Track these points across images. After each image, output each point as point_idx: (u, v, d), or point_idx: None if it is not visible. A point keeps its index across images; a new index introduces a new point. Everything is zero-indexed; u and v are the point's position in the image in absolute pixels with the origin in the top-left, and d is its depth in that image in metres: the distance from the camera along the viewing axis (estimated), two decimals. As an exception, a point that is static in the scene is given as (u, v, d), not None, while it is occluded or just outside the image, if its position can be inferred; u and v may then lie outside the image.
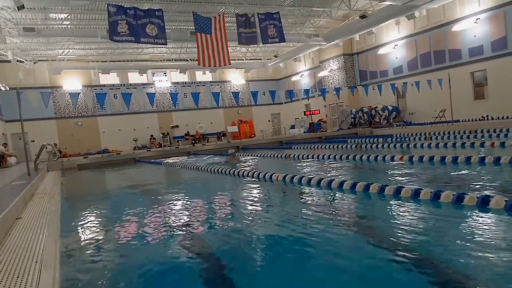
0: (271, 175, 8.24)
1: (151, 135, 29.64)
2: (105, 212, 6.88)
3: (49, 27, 19.41)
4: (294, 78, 32.58)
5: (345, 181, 6.39)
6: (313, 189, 6.79)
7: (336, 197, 6.09)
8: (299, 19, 23.13)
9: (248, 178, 8.87)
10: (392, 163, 9.39)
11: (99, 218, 6.33)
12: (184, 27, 21.75)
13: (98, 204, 7.81)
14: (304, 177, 7.40)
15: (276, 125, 33.86)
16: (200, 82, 32.06)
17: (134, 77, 29.46)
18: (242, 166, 11.56)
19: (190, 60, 28.71)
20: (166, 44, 17.00)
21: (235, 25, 18.20)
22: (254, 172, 8.99)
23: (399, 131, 18.49)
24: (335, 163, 10.65)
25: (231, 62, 18.88)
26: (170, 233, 4.76)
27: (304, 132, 26.79)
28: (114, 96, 24.63)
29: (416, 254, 3.31)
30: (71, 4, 17.01)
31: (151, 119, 30.00)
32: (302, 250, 3.75)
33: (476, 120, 17.88)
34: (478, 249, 3.24)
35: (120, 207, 7.15)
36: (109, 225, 5.65)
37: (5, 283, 2.75)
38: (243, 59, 31.30)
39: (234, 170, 9.91)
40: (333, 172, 9.08)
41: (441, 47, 20.78)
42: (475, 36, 18.97)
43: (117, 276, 3.48)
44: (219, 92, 19.61)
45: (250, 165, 12.04)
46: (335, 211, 5.28)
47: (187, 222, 5.26)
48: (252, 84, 33.38)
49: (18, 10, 14.79)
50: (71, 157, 23.60)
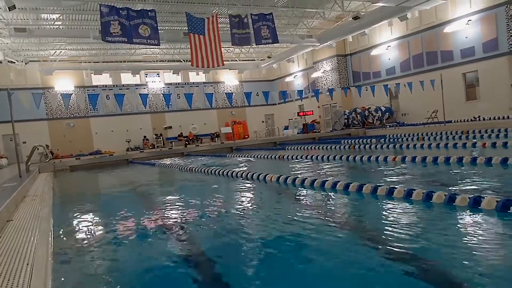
0: (265, 176, 8.24)
1: (144, 136, 29.51)
2: (97, 214, 6.83)
3: (41, 28, 19.25)
4: (288, 79, 32.64)
5: (338, 182, 6.40)
6: (307, 190, 6.79)
7: (330, 198, 6.10)
8: (293, 20, 23.18)
9: (242, 179, 8.86)
10: (385, 164, 9.44)
11: (91, 220, 6.28)
12: (177, 28, 21.69)
13: (90, 206, 7.76)
14: (298, 178, 7.41)
15: (270, 126, 33.89)
16: (194, 83, 32.00)
17: (127, 78, 29.31)
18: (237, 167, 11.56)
19: (183, 61, 28.66)
20: (159, 45, 16.94)
21: (228, 26, 18.19)
22: (248, 173, 8.98)
23: (392, 132, 18.59)
24: (329, 164, 10.68)
25: (225, 63, 18.85)
26: (164, 235, 4.73)
27: (298, 133, 26.84)
28: (107, 97, 24.50)
29: (409, 254, 3.32)
30: (63, 5, 16.88)
31: (144, 120, 29.87)
32: (296, 251, 3.75)
33: (468, 121, 18.03)
34: (470, 249, 3.26)
35: (113, 209, 7.11)
36: (101, 227, 5.61)
37: (-4, 287, 2.71)
38: (237, 60, 31.30)
39: (228, 171, 9.89)
40: (327, 173, 9.11)
41: (433, 48, 20.94)
42: (467, 38, 19.14)
43: (109, 279, 3.46)
44: (213, 93, 19.62)
45: (245, 166, 12.03)
46: (329, 212, 5.29)
47: (180, 224, 5.24)
48: (246, 85, 33.38)
49: (9, 10, 14.63)
50: (63, 159, 23.43)
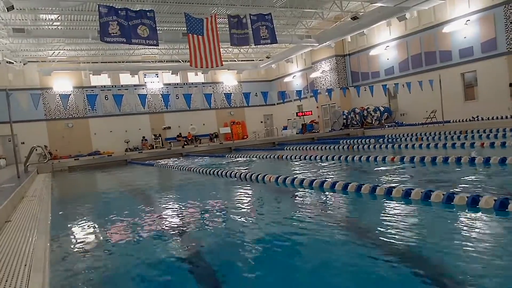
0: (264, 176, 8.23)
1: (143, 137, 29.48)
2: (96, 215, 6.82)
3: (39, 28, 19.23)
4: (287, 79, 32.64)
5: (337, 182, 6.40)
6: (306, 190, 6.79)
7: (329, 198, 6.10)
8: (291, 20, 23.20)
9: (241, 180, 8.86)
10: (384, 164, 9.44)
11: (90, 221, 6.27)
12: (176, 28, 21.69)
13: (89, 207, 7.75)
14: (297, 178, 7.41)
15: (269, 126, 33.88)
16: (192, 83, 31.98)
17: (126, 79, 29.27)
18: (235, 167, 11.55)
19: (182, 61, 28.64)
20: (158, 45, 16.93)
21: (227, 26, 18.18)
22: (247, 174, 8.97)
23: (391, 132, 18.61)
24: (328, 164, 10.68)
25: (223, 63, 18.87)
26: (162, 236, 4.73)
27: (297, 133, 26.84)
28: (105, 98, 24.52)
29: (407, 253, 3.32)
30: (62, 5, 16.84)
31: (143, 121, 29.84)
32: (295, 251, 3.75)
33: (467, 121, 18.05)
34: (468, 247, 3.27)
35: (111, 210, 7.10)
36: (100, 228, 5.60)
37: (-7, 287, 2.71)
38: (235, 60, 31.30)
39: (227, 172, 9.89)
40: (326, 173, 9.11)
41: (432, 49, 20.96)
42: (465, 38, 19.17)
43: (108, 280, 3.45)
44: (211, 93, 19.63)
45: (244, 167, 12.03)
46: (328, 212, 5.29)
47: (179, 224, 5.24)
48: (244, 85, 33.38)
49: (8, 11, 14.64)
50: (62, 159, 23.39)
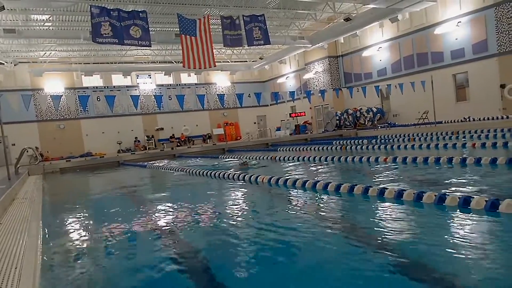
0: (257, 177, 8.23)
1: (136, 138, 29.33)
2: (88, 217, 6.77)
3: (31, 29, 19.08)
4: (280, 80, 32.68)
5: (330, 183, 6.42)
6: (299, 191, 6.80)
7: (321, 199, 6.11)
8: (284, 22, 23.24)
9: (234, 180, 8.84)
10: (377, 164, 9.49)
11: (82, 223, 6.22)
12: (169, 29, 21.63)
13: (81, 209, 7.69)
14: (289, 179, 7.42)
15: (262, 127, 33.90)
16: (185, 84, 31.91)
17: (118, 79, 29.12)
18: (229, 168, 11.54)
19: (175, 62, 28.56)
20: (151, 46, 16.88)
21: (220, 27, 18.18)
22: (240, 175, 8.97)
23: (384, 133, 18.70)
24: (321, 165, 10.70)
25: (216, 64, 18.84)
26: (155, 238, 4.70)
27: (290, 134, 26.88)
28: (97, 99, 24.35)
29: (400, 254, 3.33)
30: (53, 6, 16.73)
31: (136, 122, 29.69)
32: (288, 252, 3.74)
33: (458, 122, 18.20)
34: (459, 248, 3.28)
35: (103, 212, 7.05)
36: (92, 230, 5.55)
37: (-18, 292, 2.67)
38: (229, 61, 31.30)
39: (220, 173, 9.87)
40: (319, 174, 9.13)
41: (424, 50, 21.12)
42: (457, 39, 19.34)
43: (100, 283, 3.42)
44: (205, 94, 19.59)
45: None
46: (320, 213, 5.30)
47: (172, 226, 5.21)
48: (238, 86, 33.37)
49: (-2, 11, 14.51)
50: (53, 161, 23.21)
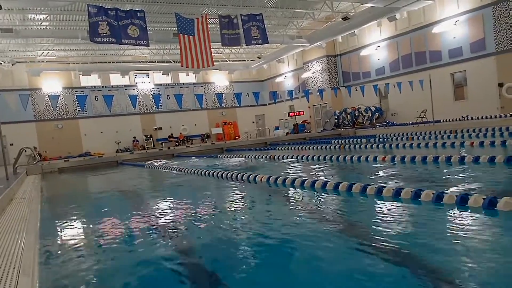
0: (255, 177, 8.23)
1: (134, 137, 29.30)
2: (86, 217, 6.76)
3: (28, 28, 19.03)
4: (278, 80, 32.68)
5: (328, 182, 6.42)
6: (297, 190, 6.80)
7: (320, 198, 6.12)
8: (282, 21, 23.23)
9: (232, 180, 8.84)
10: (375, 163, 9.50)
11: (80, 223, 6.21)
12: (167, 28, 21.61)
13: (79, 209, 7.68)
14: (288, 178, 7.42)
15: (261, 127, 33.90)
16: (184, 84, 31.88)
17: (116, 79, 29.08)
18: (228, 167, 11.54)
19: (173, 62, 28.54)
20: (148, 45, 16.85)
21: (218, 27, 18.16)
22: (238, 174, 8.96)
23: (382, 132, 18.72)
24: (319, 164, 10.71)
25: (215, 64, 18.82)
26: (153, 237, 4.70)
27: (286, 134, 26.88)
28: (96, 98, 24.27)
29: (398, 251, 3.34)
30: (50, 5, 16.68)
31: (134, 121, 29.66)
32: (287, 251, 3.75)
33: (456, 120, 18.23)
34: (457, 246, 3.30)
35: (101, 211, 7.04)
36: (90, 230, 5.55)
37: (-20, 291, 2.67)
38: (227, 61, 31.28)
39: (218, 172, 9.87)
40: (317, 173, 9.13)
41: (422, 49, 21.14)
42: (455, 38, 19.37)
43: (98, 282, 3.42)
44: (203, 94, 19.56)
45: (236, 167, 12.01)
46: (319, 212, 5.30)
47: (170, 225, 5.21)
48: (236, 86, 33.36)
49: (-4, 11, 14.47)
50: (52, 161, 23.16)
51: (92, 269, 3.73)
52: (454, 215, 4.27)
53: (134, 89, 29.83)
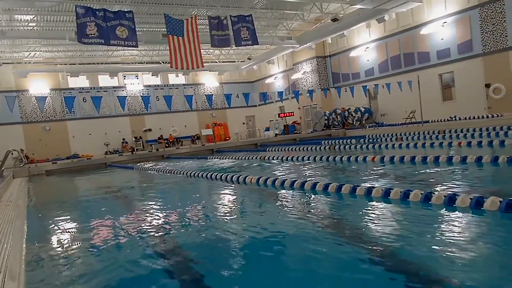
0: (245, 178, 8.21)
1: (123, 139, 29.07)
2: (74, 220, 6.68)
3: (14, 29, 18.78)
4: (268, 81, 32.73)
5: (318, 183, 6.43)
6: (287, 191, 6.80)
7: (310, 199, 6.12)
8: (272, 22, 23.28)
9: (222, 181, 8.81)
10: (365, 164, 9.55)
11: (68, 226, 6.13)
12: (156, 29, 21.50)
13: (67, 211, 7.58)
14: (278, 179, 7.42)
15: (251, 128, 33.89)
16: (173, 85, 31.73)
17: (105, 80, 28.83)
18: (217, 168, 11.51)
19: (163, 63, 28.39)
20: (137, 46, 16.74)
21: (208, 28, 18.12)
22: (228, 175, 8.94)
23: (372, 132, 18.84)
24: (310, 164, 10.73)
25: (204, 65, 18.78)
26: (142, 240, 4.65)
27: (275, 135, 26.90)
28: (84, 100, 24.06)
29: (386, 251, 3.36)
30: (37, 5, 16.49)
31: (123, 123, 29.42)
32: (277, 252, 3.74)
33: (445, 121, 18.43)
34: (444, 245, 3.32)
35: (90, 214, 6.96)
36: (78, 233, 5.48)
37: (-37, 297, 2.61)
38: (217, 62, 31.23)
39: (208, 173, 9.83)
40: (307, 174, 9.15)
41: (410, 50, 21.35)
42: (443, 39, 19.60)
43: (85, 284, 3.37)
44: (193, 95, 19.52)
45: (226, 168, 11.98)
46: (309, 213, 5.31)
47: (160, 227, 5.16)
48: (226, 87, 33.31)
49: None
50: (39, 163, 22.85)
51: (79, 272, 3.68)
52: (442, 215, 4.31)
53: (123, 90, 29.59)
